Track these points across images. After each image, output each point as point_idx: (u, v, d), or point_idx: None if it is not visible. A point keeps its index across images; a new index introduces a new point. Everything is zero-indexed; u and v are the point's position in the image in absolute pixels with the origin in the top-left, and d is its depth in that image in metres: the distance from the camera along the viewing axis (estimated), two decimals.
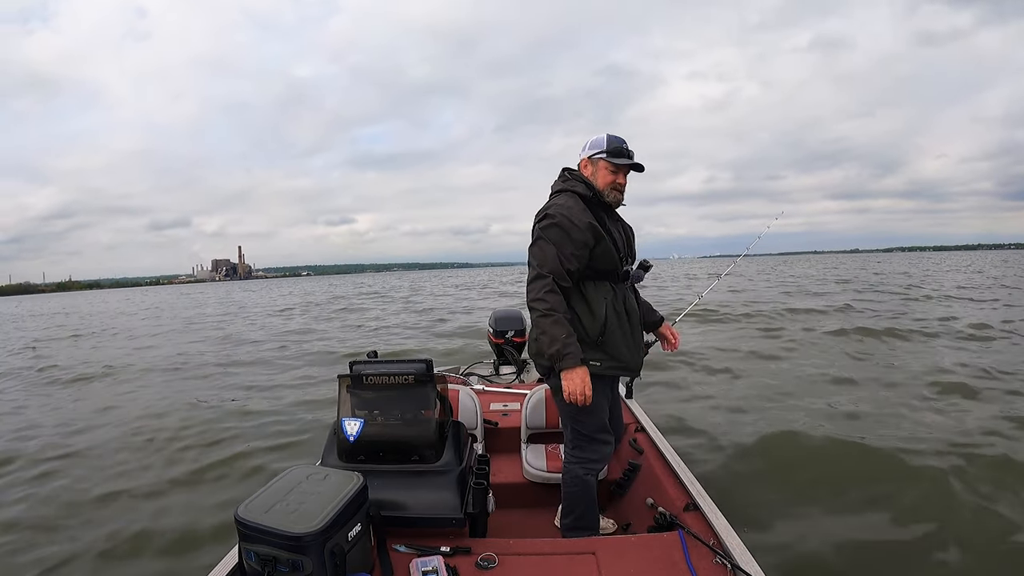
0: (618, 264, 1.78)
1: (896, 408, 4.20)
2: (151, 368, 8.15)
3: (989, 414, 3.98)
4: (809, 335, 7.89)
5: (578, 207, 1.75)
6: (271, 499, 1.42)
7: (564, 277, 1.70)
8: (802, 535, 2.46)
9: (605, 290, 1.77)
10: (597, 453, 1.87)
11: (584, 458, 1.87)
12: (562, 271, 1.69)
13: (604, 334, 1.75)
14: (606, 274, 1.77)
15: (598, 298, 1.76)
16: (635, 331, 1.85)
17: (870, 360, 6.13)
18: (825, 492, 2.85)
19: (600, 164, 1.80)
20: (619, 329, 1.78)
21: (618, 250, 1.78)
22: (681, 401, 4.75)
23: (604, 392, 1.84)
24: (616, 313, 1.78)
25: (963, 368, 5.47)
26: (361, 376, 1.79)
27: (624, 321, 1.80)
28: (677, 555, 1.52)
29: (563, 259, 1.69)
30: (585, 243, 1.71)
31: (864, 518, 2.58)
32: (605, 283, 1.78)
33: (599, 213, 1.78)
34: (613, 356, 1.78)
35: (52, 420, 5.26)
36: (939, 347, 6.79)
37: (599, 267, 1.75)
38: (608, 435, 1.88)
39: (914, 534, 2.43)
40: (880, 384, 4.99)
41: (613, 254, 1.76)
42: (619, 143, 1.79)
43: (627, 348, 1.81)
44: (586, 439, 1.86)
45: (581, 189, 1.79)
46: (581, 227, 1.70)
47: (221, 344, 10.67)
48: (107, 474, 3.67)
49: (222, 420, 4.84)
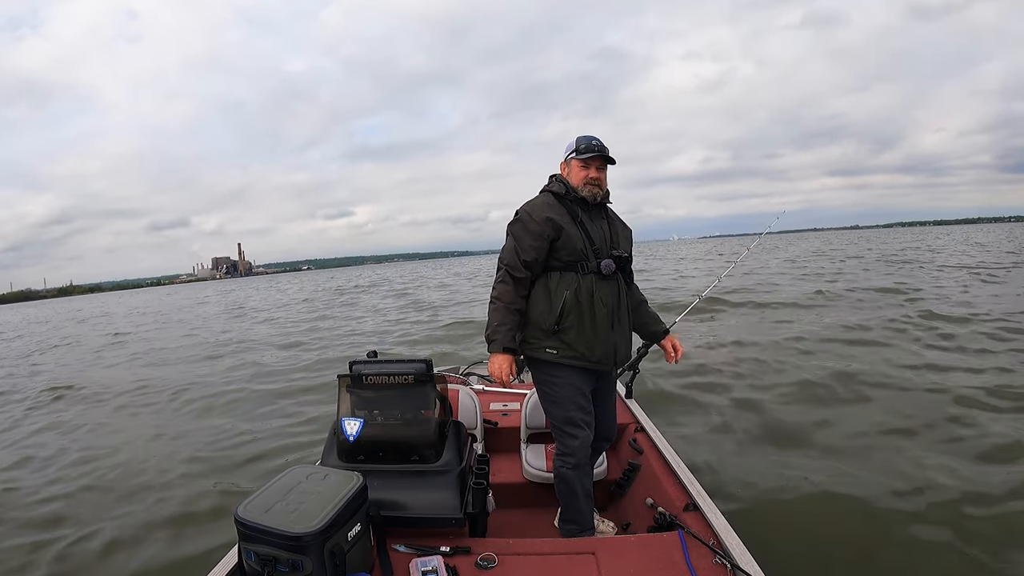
0: (583, 256, 1.83)
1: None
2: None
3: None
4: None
5: (545, 204, 1.87)
6: (271, 499, 1.42)
7: (518, 268, 1.83)
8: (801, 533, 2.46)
9: (569, 280, 1.82)
10: (564, 446, 1.87)
11: (558, 451, 1.90)
12: (517, 263, 1.83)
13: (560, 323, 1.80)
14: (571, 265, 1.83)
15: (559, 288, 1.82)
16: (599, 324, 1.82)
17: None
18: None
19: (572, 163, 1.91)
20: (580, 320, 1.80)
21: (591, 243, 1.84)
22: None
23: (571, 383, 1.85)
24: (579, 303, 1.80)
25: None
26: (361, 376, 1.79)
27: (588, 313, 1.81)
28: (677, 555, 1.52)
29: (520, 251, 1.83)
30: (541, 235, 1.81)
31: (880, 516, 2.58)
32: (570, 273, 1.83)
33: (574, 208, 1.87)
34: (570, 345, 1.81)
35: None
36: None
37: (563, 258, 1.83)
38: (575, 428, 1.85)
39: (929, 534, 2.42)
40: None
41: (576, 245, 1.82)
42: (587, 140, 1.89)
43: (586, 340, 1.81)
44: (556, 430, 1.90)
45: (556, 188, 1.92)
46: (539, 221, 1.82)
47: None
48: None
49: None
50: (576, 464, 1.86)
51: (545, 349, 1.83)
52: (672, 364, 2.21)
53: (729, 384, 4.89)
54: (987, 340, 5.95)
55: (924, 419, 3.73)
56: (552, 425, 1.91)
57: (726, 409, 4.25)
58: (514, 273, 1.83)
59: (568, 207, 1.87)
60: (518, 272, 1.83)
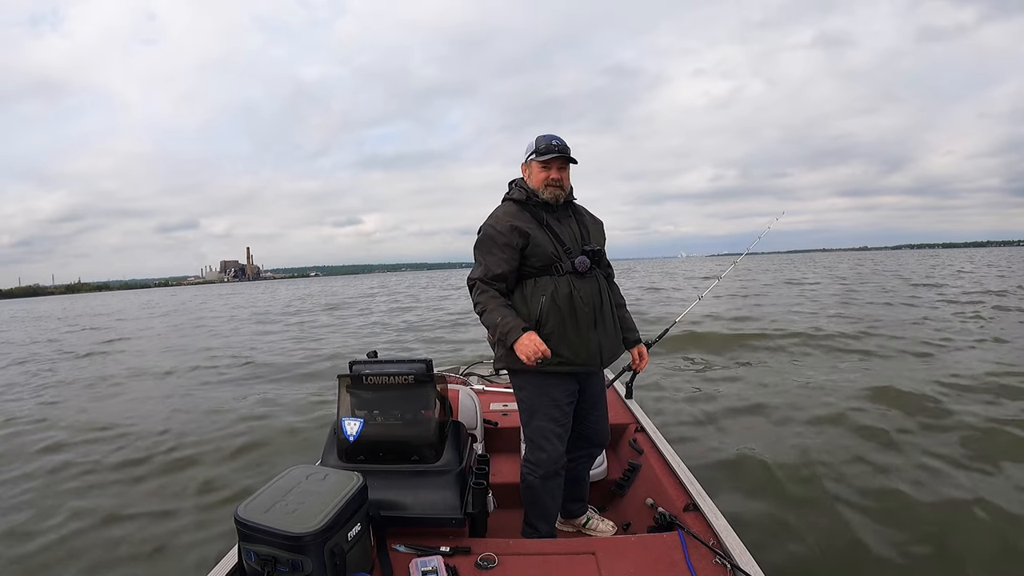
0: (554, 259, 1.78)
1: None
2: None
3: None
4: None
5: (508, 213, 1.82)
6: (271, 499, 1.42)
7: (491, 283, 1.78)
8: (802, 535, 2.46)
9: (544, 285, 1.77)
10: (535, 456, 1.82)
11: (526, 458, 1.86)
12: (488, 278, 1.78)
13: (540, 329, 1.73)
14: (544, 269, 1.78)
15: (535, 295, 1.77)
16: (581, 322, 1.78)
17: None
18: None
19: (533, 165, 1.85)
20: (561, 323, 1.75)
21: (561, 244, 1.79)
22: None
23: (547, 395, 1.79)
24: (557, 307, 1.75)
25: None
26: (361, 376, 1.79)
27: (569, 314, 1.76)
28: (677, 555, 1.52)
29: (490, 265, 1.78)
30: (509, 245, 1.76)
31: (872, 518, 2.58)
32: (545, 277, 1.78)
33: (538, 213, 1.83)
34: (553, 351, 1.71)
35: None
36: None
37: (535, 264, 1.78)
38: (546, 441, 1.80)
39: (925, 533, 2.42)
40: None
41: (545, 249, 1.77)
42: (547, 140, 1.83)
43: (568, 343, 1.75)
44: (528, 439, 1.84)
45: (516, 195, 1.87)
46: (504, 232, 1.77)
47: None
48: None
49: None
50: (544, 475, 1.81)
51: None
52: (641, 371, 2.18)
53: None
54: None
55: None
56: (524, 435, 1.87)
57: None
58: (488, 283, 1.78)
59: (532, 212, 1.82)
60: (494, 285, 1.78)
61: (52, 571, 2.54)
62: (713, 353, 6.82)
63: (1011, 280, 17.23)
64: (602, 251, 1.90)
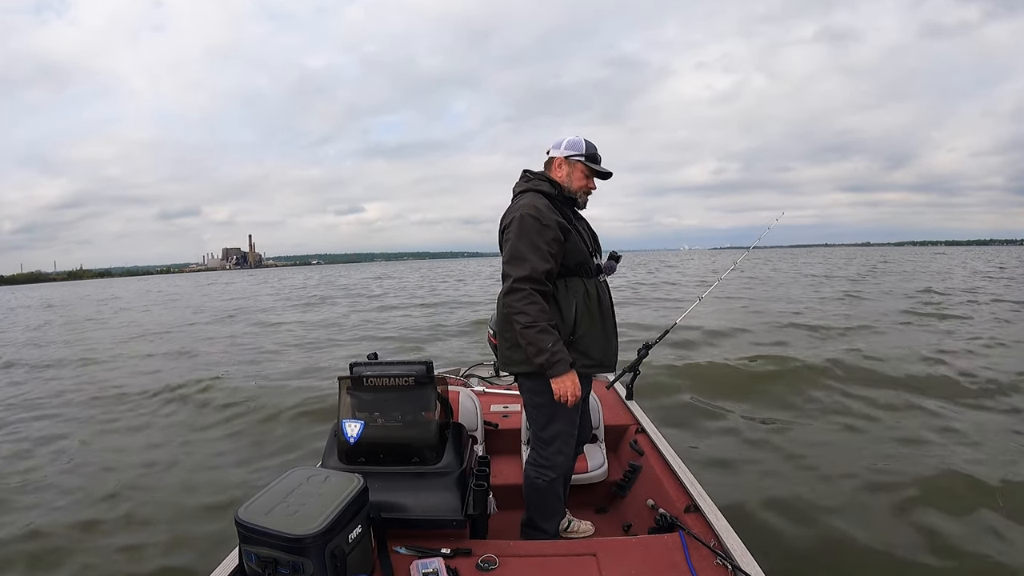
0: (588, 258, 1.78)
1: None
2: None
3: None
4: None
5: (546, 206, 1.74)
6: (271, 501, 1.42)
7: (542, 282, 1.66)
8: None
9: (576, 286, 1.74)
10: (547, 460, 1.82)
11: (536, 462, 1.85)
12: (540, 276, 1.65)
13: (575, 333, 1.73)
14: (577, 269, 1.75)
15: (568, 297, 1.73)
16: (607, 325, 1.82)
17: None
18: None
19: (577, 166, 1.80)
20: (591, 326, 1.76)
21: (587, 244, 1.79)
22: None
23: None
24: (588, 310, 1.76)
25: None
26: (361, 378, 1.79)
27: (596, 317, 1.77)
28: (678, 556, 1.52)
29: (538, 262, 1.65)
30: (556, 239, 1.69)
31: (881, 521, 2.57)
32: (576, 279, 1.75)
33: (564, 210, 1.79)
34: (586, 354, 1.74)
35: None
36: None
37: (570, 263, 1.74)
38: (565, 445, 1.80)
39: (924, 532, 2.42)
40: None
41: (583, 247, 1.76)
42: (595, 149, 1.82)
43: (599, 345, 1.78)
44: (542, 443, 1.83)
45: (546, 188, 1.78)
46: (551, 225, 1.68)
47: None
48: None
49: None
50: (554, 478, 1.82)
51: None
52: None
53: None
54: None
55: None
56: (538, 437, 1.83)
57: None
58: (540, 288, 1.65)
59: (560, 209, 1.78)
60: (543, 286, 1.66)
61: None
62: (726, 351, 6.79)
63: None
64: (618, 256, 1.92)
